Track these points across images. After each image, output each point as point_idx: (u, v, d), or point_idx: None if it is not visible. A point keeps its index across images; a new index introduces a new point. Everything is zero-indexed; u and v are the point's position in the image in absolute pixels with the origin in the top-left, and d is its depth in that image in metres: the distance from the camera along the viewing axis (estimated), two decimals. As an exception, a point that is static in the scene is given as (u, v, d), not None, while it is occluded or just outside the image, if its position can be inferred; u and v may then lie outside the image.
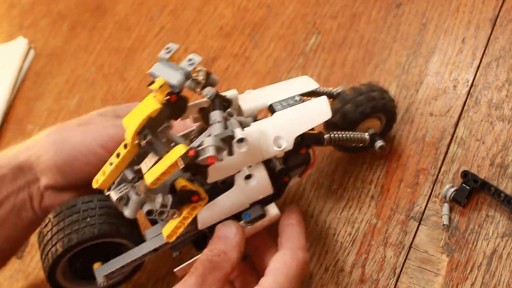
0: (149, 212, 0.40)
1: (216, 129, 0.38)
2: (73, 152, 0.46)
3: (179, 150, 0.37)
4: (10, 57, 0.76)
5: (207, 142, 0.36)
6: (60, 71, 0.73)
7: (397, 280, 0.46)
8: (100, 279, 0.43)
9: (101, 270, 0.43)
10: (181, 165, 0.36)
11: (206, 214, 0.42)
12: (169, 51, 0.39)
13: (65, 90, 0.71)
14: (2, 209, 0.47)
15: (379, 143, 0.48)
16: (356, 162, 0.52)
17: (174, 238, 0.41)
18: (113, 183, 0.41)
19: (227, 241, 0.42)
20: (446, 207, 0.47)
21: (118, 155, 0.40)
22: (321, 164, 0.53)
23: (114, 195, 0.41)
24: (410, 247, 0.47)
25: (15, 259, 0.58)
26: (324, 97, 0.46)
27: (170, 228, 0.41)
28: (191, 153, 0.36)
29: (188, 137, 0.45)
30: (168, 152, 0.38)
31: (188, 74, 0.38)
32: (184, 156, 0.36)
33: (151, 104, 0.39)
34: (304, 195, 0.52)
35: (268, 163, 0.44)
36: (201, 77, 0.39)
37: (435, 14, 0.57)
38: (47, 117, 0.70)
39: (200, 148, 0.36)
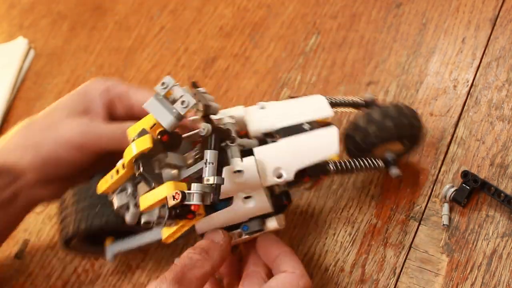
0: (147, 223, 0.40)
1: (207, 171, 0.38)
2: (49, 159, 0.48)
3: (168, 189, 0.37)
4: (10, 57, 0.76)
5: (194, 189, 0.37)
6: (60, 71, 0.73)
7: (397, 280, 0.46)
8: (109, 256, 0.48)
9: (111, 248, 0.48)
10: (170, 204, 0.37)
11: (203, 222, 0.43)
12: (165, 87, 0.39)
13: (65, 90, 0.71)
14: None
15: (395, 172, 0.46)
16: (356, 162, 0.52)
17: (171, 241, 0.41)
18: (117, 189, 0.42)
19: (212, 243, 0.42)
20: (446, 207, 0.47)
21: (117, 172, 0.41)
22: (321, 164, 0.53)
23: (116, 202, 0.42)
24: (410, 247, 0.47)
25: (15, 259, 0.58)
26: (335, 130, 0.43)
27: (169, 232, 0.41)
28: (177, 197, 0.36)
29: (192, 143, 0.44)
30: (158, 185, 0.38)
31: (180, 117, 0.38)
32: (170, 199, 0.37)
33: (144, 140, 0.39)
34: (304, 195, 0.52)
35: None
36: (199, 111, 0.39)
37: (435, 14, 0.57)
38: (47, 117, 0.70)
39: (187, 192, 0.37)
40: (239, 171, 0.39)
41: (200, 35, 0.67)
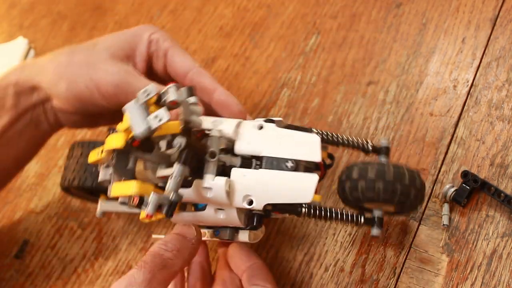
0: (123, 203, 0.41)
1: (170, 185, 0.38)
2: (79, 97, 0.49)
3: (132, 188, 0.38)
4: (10, 57, 0.75)
5: (151, 198, 0.37)
6: (60, 71, 0.73)
7: (397, 280, 0.46)
8: (99, 212, 0.50)
9: (102, 205, 0.50)
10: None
11: (179, 215, 0.44)
12: (147, 95, 0.38)
13: (65, 90, 0.71)
14: (21, 121, 0.51)
15: (375, 232, 0.43)
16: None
17: (148, 222, 0.44)
18: (103, 164, 0.44)
19: (184, 240, 0.41)
20: (446, 207, 0.47)
21: (102, 152, 0.43)
22: (321, 164, 0.53)
23: (100, 175, 0.44)
24: (410, 247, 0.47)
25: (15, 259, 0.58)
26: (315, 179, 0.40)
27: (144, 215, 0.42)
28: (135, 201, 0.38)
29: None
30: (127, 180, 0.39)
31: (151, 130, 0.37)
32: (131, 198, 0.38)
33: (118, 139, 0.39)
34: (304, 195, 0.52)
35: None
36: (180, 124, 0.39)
37: (435, 14, 0.57)
38: (47, 117, 0.70)
39: (144, 198, 0.37)
40: (208, 187, 0.40)
41: (200, 35, 0.67)
